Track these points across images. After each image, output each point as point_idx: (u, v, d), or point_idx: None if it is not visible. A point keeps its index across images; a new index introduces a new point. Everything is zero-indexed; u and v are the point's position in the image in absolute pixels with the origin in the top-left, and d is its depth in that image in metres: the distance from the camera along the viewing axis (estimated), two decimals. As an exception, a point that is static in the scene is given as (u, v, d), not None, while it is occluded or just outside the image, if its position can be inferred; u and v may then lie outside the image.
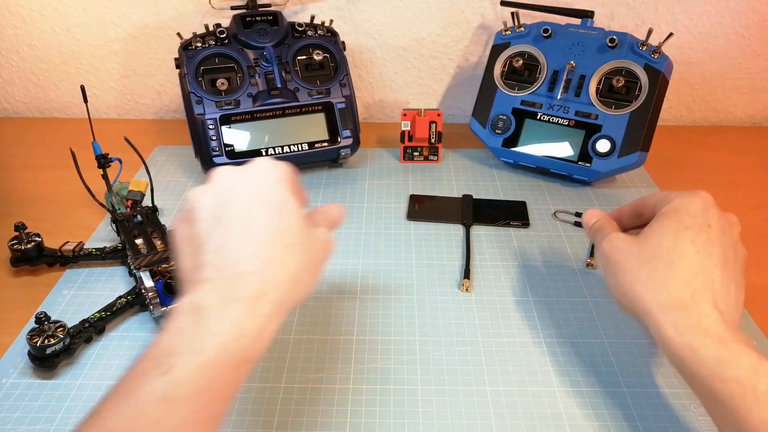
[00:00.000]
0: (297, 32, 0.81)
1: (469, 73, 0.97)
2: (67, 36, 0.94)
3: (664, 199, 0.47)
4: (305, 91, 0.79)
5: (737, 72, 0.96)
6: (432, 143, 0.83)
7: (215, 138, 0.75)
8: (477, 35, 0.94)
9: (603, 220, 0.51)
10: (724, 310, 0.40)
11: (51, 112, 1.02)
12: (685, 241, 0.43)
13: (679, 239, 0.43)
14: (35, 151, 0.88)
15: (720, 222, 0.45)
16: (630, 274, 0.44)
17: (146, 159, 0.84)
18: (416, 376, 0.51)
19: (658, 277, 0.42)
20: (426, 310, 0.58)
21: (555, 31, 0.79)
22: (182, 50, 0.77)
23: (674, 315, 0.40)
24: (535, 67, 0.80)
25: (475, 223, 0.71)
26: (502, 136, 0.81)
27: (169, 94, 0.99)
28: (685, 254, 0.42)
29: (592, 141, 0.76)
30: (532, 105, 0.80)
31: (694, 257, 0.42)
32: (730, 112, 1.00)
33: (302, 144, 0.78)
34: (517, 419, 0.47)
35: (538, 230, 0.71)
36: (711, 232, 0.43)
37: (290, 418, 0.47)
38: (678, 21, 0.91)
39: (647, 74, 0.74)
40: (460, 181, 0.81)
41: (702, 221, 0.44)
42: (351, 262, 0.65)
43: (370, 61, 0.96)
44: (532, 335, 0.55)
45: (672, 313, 0.40)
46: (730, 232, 0.46)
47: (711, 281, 0.41)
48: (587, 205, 0.75)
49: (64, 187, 0.78)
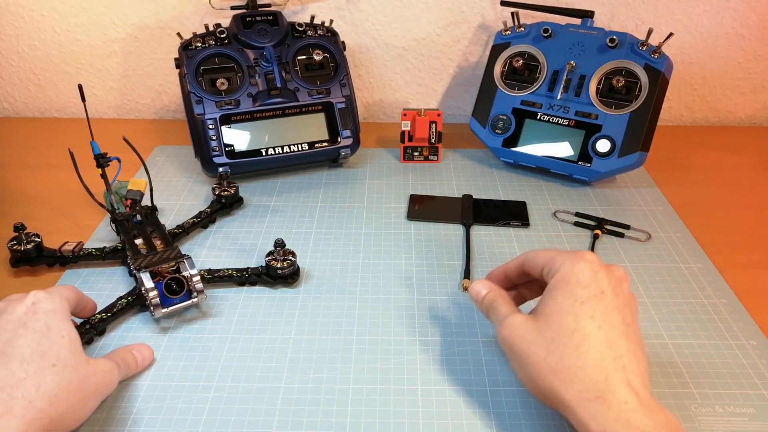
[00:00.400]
0: (297, 32, 0.81)
1: (469, 73, 0.97)
2: (67, 36, 0.94)
3: (551, 264, 0.45)
4: (305, 91, 0.79)
5: (737, 72, 0.96)
6: (432, 143, 0.83)
7: (215, 138, 0.75)
8: (477, 35, 0.94)
9: (493, 292, 0.49)
10: (638, 384, 0.40)
11: (51, 112, 1.02)
12: (585, 317, 0.42)
13: (579, 317, 0.42)
14: (35, 151, 0.88)
15: (611, 284, 0.44)
16: (539, 365, 0.42)
17: (146, 159, 0.85)
18: (416, 376, 0.51)
19: (567, 366, 0.41)
20: (426, 310, 0.58)
21: (555, 31, 0.79)
22: (182, 50, 0.77)
23: (593, 407, 0.39)
24: (535, 67, 0.80)
25: (475, 223, 0.71)
26: (502, 136, 0.81)
27: (169, 94, 0.99)
28: (589, 334, 0.41)
29: (592, 141, 0.76)
30: (532, 105, 0.80)
31: (597, 335, 0.41)
32: (730, 112, 1.00)
33: (302, 144, 0.78)
34: (518, 419, 0.47)
35: (538, 230, 0.71)
36: (606, 300, 0.43)
37: (290, 418, 0.47)
38: (678, 21, 0.91)
39: (647, 74, 0.74)
40: (460, 181, 0.81)
41: (595, 290, 0.43)
42: (351, 262, 0.65)
43: (370, 61, 0.96)
44: (532, 335, 0.55)
45: (591, 405, 0.39)
46: (621, 289, 0.45)
47: (620, 357, 0.41)
48: (587, 205, 0.75)
49: (63, 186, 0.78)
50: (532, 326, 0.44)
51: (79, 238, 0.67)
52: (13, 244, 0.62)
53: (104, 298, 0.58)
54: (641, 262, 0.65)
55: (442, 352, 0.54)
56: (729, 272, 0.64)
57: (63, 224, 0.71)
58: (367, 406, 0.48)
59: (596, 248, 0.67)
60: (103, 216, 0.72)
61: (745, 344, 0.54)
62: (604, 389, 0.39)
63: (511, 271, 0.51)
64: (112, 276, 0.63)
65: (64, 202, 0.75)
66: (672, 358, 0.53)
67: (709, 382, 0.51)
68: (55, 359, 0.42)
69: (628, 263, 0.65)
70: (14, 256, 0.62)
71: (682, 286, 0.62)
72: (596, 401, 0.39)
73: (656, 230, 0.71)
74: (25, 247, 0.61)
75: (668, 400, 0.49)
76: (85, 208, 0.73)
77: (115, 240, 0.67)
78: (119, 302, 0.56)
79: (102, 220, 0.72)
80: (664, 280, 0.63)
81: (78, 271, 0.63)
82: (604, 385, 0.39)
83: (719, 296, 0.60)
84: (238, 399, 0.49)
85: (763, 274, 0.64)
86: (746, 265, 0.66)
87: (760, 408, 0.48)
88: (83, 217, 0.72)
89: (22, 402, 0.39)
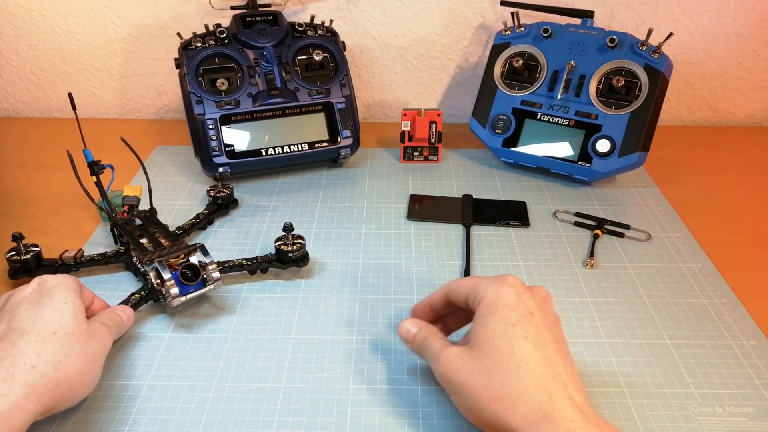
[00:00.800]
0: (297, 32, 0.81)
1: (469, 73, 0.97)
2: (67, 36, 0.94)
3: (475, 291, 0.46)
4: (305, 91, 0.79)
5: (737, 72, 0.96)
6: (432, 143, 0.83)
7: (215, 138, 0.75)
8: (477, 35, 0.94)
9: (424, 329, 0.48)
10: (580, 400, 0.40)
11: (51, 112, 1.02)
12: (519, 339, 0.42)
13: (513, 340, 0.42)
14: (35, 151, 0.88)
15: (537, 304, 0.44)
16: (480, 395, 0.41)
17: (146, 159, 0.85)
18: (416, 376, 0.51)
19: (509, 391, 0.40)
20: (426, 310, 0.58)
21: (555, 31, 0.79)
22: (182, 50, 0.77)
23: (541, 428, 0.39)
24: (535, 67, 0.80)
25: (475, 223, 0.71)
26: (502, 136, 0.81)
27: (169, 94, 0.99)
28: (525, 355, 0.41)
29: (592, 141, 0.76)
30: (532, 105, 0.80)
31: (534, 355, 0.41)
32: (730, 112, 1.00)
33: (302, 144, 0.78)
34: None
35: (538, 230, 0.71)
36: (536, 320, 0.43)
37: (290, 418, 0.47)
38: (678, 21, 0.91)
39: (647, 74, 0.74)
40: (460, 181, 0.81)
41: (523, 311, 0.43)
42: (351, 262, 0.65)
43: (370, 61, 0.96)
44: (532, 335, 0.55)
45: (538, 427, 0.39)
46: (547, 308, 0.45)
47: (559, 374, 0.41)
48: (587, 205, 0.75)
49: (62, 187, 0.78)
50: (469, 357, 0.43)
51: (77, 239, 0.67)
52: (11, 255, 0.60)
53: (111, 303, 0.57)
54: (641, 262, 0.65)
55: (442, 352, 0.54)
56: (729, 272, 0.64)
57: (60, 225, 0.71)
58: (367, 406, 0.48)
59: (596, 248, 0.67)
60: (98, 221, 0.72)
61: (745, 344, 0.54)
62: (549, 409, 0.39)
63: (436, 302, 0.50)
64: (119, 282, 0.62)
65: (62, 203, 0.75)
66: (672, 358, 0.53)
67: (709, 382, 0.51)
68: (56, 326, 0.44)
69: (628, 263, 0.65)
70: (13, 268, 0.60)
71: (682, 286, 0.62)
72: (543, 422, 0.39)
73: (656, 230, 0.71)
74: (24, 257, 0.59)
75: (668, 400, 0.49)
76: (84, 210, 0.73)
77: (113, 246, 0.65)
78: (132, 297, 0.56)
79: (98, 225, 0.71)
80: (664, 280, 0.63)
81: (81, 278, 0.62)
82: (549, 405, 0.39)
83: (719, 296, 0.60)
84: (238, 399, 0.49)
85: (763, 274, 0.64)
86: (746, 265, 0.66)
87: (760, 408, 0.48)
88: (81, 218, 0.72)
89: (24, 368, 0.40)
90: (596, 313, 0.58)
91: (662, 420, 0.47)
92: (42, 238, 0.64)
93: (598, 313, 0.58)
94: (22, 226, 0.71)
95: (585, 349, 0.54)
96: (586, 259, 0.65)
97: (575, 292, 0.61)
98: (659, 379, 0.51)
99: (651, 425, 0.47)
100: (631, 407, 0.48)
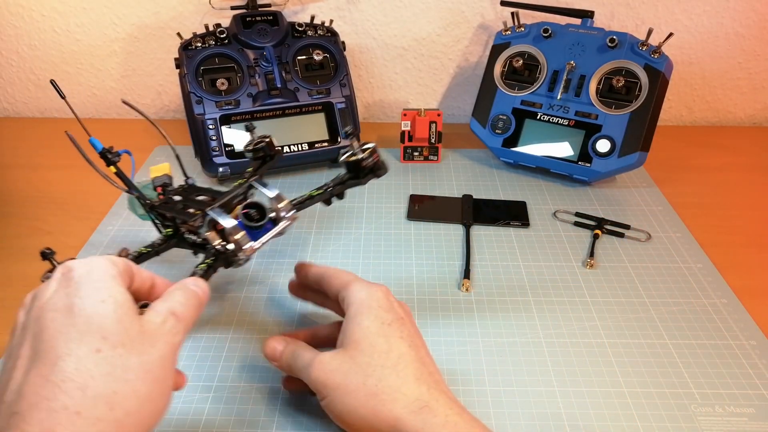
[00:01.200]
0: (297, 32, 0.81)
1: (469, 73, 0.97)
2: (67, 36, 0.94)
3: (347, 289, 0.46)
4: (305, 91, 0.79)
5: (737, 72, 0.96)
6: (432, 143, 0.83)
7: (215, 138, 0.75)
8: (477, 35, 0.94)
9: (290, 344, 0.46)
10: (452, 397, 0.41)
11: (51, 112, 1.02)
12: (395, 338, 0.43)
13: (390, 338, 0.43)
14: (35, 151, 0.88)
15: (405, 313, 0.46)
16: (357, 393, 0.40)
17: (146, 159, 0.85)
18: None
19: (390, 385, 0.40)
20: (426, 310, 0.58)
21: (555, 31, 0.79)
22: (182, 50, 0.77)
23: (422, 417, 0.39)
24: (535, 67, 0.80)
25: (475, 223, 0.71)
26: (502, 136, 0.81)
27: (169, 94, 0.99)
28: (403, 352, 0.42)
29: (592, 141, 0.76)
30: (532, 105, 0.80)
31: (410, 353, 0.42)
32: (730, 112, 1.00)
33: (302, 144, 0.78)
34: (517, 419, 0.47)
35: (538, 230, 0.71)
36: (407, 325, 0.44)
37: (290, 418, 0.47)
38: (678, 21, 0.91)
39: (647, 74, 0.74)
40: (460, 181, 0.81)
41: (396, 314, 0.44)
42: (351, 262, 0.65)
43: (370, 61, 0.96)
44: (532, 335, 0.55)
45: (419, 416, 0.39)
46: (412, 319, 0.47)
47: (432, 372, 0.43)
48: (587, 205, 0.75)
49: (64, 187, 0.78)
50: (344, 357, 0.42)
51: (77, 239, 0.67)
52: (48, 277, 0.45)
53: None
54: (641, 262, 0.65)
55: (442, 352, 0.54)
56: (729, 272, 0.64)
57: (60, 225, 0.71)
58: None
59: (596, 248, 0.67)
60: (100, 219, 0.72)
61: (745, 344, 0.54)
62: (428, 399, 0.40)
63: (313, 275, 0.50)
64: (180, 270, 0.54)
65: (62, 203, 0.75)
66: (672, 358, 0.53)
67: (709, 382, 0.51)
68: (98, 340, 0.31)
69: (628, 263, 0.65)
70: None
71: (682, 286, 0.62)
72: (424, 411, 0.39)
73: (656, 230, 0.71)
74: None
75: (668, 400, 0.49)
76: (86, 208, 0.73)
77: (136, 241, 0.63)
78: (198, 269, 0.44)
79: (99, 223, 0.71)
80: (664, 280, 0.63)
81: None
82: (428, 395, 0.40)
83: (719, 296, 0.60)
84: (238, 399, 0.49)
85: (763, 274, 0.64)
86: (746, 265, 0.66)
87: (760, 408, 0.48)
88: (83, 216, 0.72)
89: (66, 416, 0.29)
90: (596, 313, 0.58)
91: (662, 420, 0.47)
92: (42, 238, 0.64)
93: (598, 313, 0.58)
94: (22, 226, 0.71)
95: (585, 349, 0.54)
96: (586, 259, 0.65)
97: (575, 292, 0.61)
98: (659, 379, 0.51)
99: (651, 425, 0.47)
100: (631, 407, 0.48)
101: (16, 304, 0.58)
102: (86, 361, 0.30)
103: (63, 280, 0.33)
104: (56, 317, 0.31)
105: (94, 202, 0.74)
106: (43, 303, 0.33)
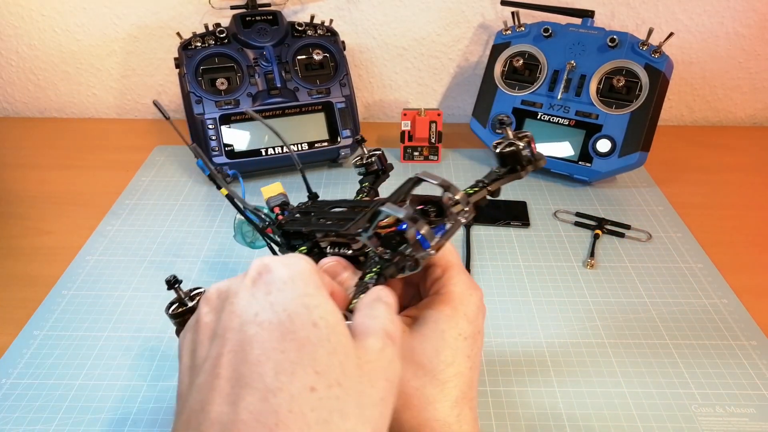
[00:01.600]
0: (297, 32, 0.81)
1: (469, 72, 0.97)
2: (67, 36, 0.94)
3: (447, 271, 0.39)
4: (305, 90, 0.79)
5: (738, 72, 0.96)
6: (432, 143, 0.83)
7: (215, 138, 0.75)
8: (477, 35, 0.94)
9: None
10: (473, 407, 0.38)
11: (51, 112, 1.01)
12: (462, 356, 0.38)
13: (458, 353, 0.38)
14: (35, 151, 0.88)
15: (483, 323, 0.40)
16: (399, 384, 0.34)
17: (146, 159, 0.85)
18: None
19: (427, 395, 0.36)
20: (426, 310, 0.58)
21: (555, 31, 0.79)
22: (182, 50, 0.77)
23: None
24: (536, 67, 0.80)
25: (475, 223, 0.71)
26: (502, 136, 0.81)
27: (169, 93, 0.99)
28: (461, 372, 0.38)
29: (592, 141, 0.76)
30: (532, 105, 0.80)
31: (466, 375, 0.38)
32: (731, 112, 1.00)
33: (302, 144, 0.78)
34: (517, 419, 0.47)
35: (538, 230, 0.71)
36: (479, 341, 0.39)
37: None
38: (678, 21, 0.91)
39: (648, 74, 0.74)
40: (460, 181, 0.80)
41: (477, 328, 0.39)
42: (351, 262, 0.65)
43: (370, 61, 0.96)
44: (533, 335, 0.55)
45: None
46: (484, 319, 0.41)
47: (473, 398, 0.38)
48: (587, 205, 0.75)
49: (63, 186, 0.78)
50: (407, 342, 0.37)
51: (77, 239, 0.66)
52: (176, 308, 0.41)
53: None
54: (641, 262, 0.65)
55: (442, 352, 0.53)
56: (729, 272, 0.64)
57: (60, 225, 0.71)
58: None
59: (596, 248, 0.67)
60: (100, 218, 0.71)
61: (745, 344, 0.54)
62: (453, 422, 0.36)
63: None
64: None
65: (62, 203, 0.75)
66: (672, 358, 0.53)
67: (709, 383, 0.51)
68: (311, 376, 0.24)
69: (628, 263, 0.65)
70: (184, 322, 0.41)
71: (682, 286, 0.62)
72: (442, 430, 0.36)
73: (656, 230, 0.70)
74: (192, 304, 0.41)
75: (668, 401, 0.49)
76: (86, 208, 0.73)
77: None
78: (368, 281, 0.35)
79: (99, 222, 0.71)
80: (665, 280, 0.63)
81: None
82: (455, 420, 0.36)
83: (720, 296, 0.60)
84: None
85: (763, 274, 0.64)
86: (746, 265, 0.66)
87: (760, 408, 0.48)
88: (84, 217, 0.72)
89: None
90: (596, 313, 0.58)
91: (663, 420, 0.47)
92: (42, 238, 0.64)
93: (598, 313, 0.58)
94: (22, 226, 0.71)
95: (585, 349, 0.54)
96: (587, 259, 0.65)
97: (575, 292, 0.61)
98: (660, 379, 0.51)
99: (651, 425, 0.47)
100: (631, 407, 0.48)
101: (16, 304, 0.58)
102: (300, 402, 0.24)
103: (261, 284, 0.27)
104: (261, 335, 0.25)
105: (94, 202, 0.74)
106: (241, 310, 0.26)
